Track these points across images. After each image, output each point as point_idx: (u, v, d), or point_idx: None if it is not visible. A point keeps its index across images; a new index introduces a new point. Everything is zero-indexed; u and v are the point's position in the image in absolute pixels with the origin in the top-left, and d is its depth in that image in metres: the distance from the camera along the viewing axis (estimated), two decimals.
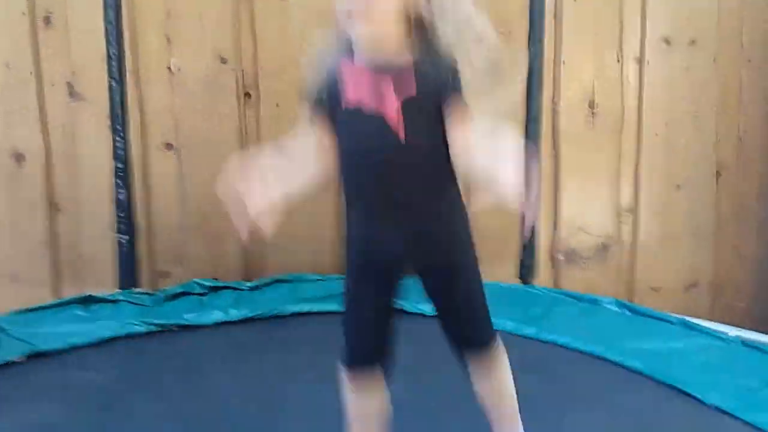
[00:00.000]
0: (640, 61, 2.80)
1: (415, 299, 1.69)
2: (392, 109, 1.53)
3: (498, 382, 1.65)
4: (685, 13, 2.79)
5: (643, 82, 2.82)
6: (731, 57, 2.82)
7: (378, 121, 1.53)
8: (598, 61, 2.81)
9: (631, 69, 2.81)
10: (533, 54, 2.56)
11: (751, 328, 2.50)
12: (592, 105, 2.82)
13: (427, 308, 2.45)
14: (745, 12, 2.79)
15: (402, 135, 1.54)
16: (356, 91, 1.54)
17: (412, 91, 1.53)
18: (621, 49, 2.79)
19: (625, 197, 2.88)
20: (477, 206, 1.52)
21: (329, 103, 1.56)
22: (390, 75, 1.52)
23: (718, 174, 2.89)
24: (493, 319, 1.61)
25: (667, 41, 2.80)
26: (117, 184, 2.57)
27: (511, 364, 1.62)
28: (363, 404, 1.65)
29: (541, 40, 2.57)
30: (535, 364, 2.14)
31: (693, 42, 2.80)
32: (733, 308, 2.90)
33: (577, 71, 2.80)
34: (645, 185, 2.88)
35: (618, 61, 2.80)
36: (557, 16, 2.75)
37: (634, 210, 2.89)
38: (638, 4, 2.77)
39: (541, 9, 2.55)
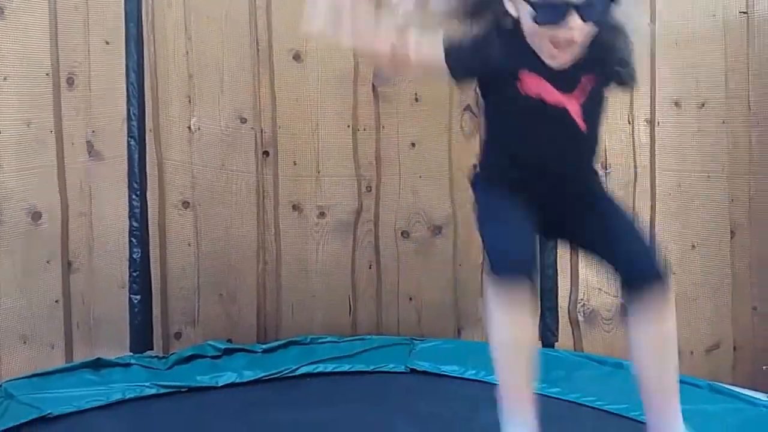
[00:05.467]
0: (651, 122, 2.84)
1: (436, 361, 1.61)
2: (576, 104, 1.59)
3: (667, 332, 1.54)
4: (694, 77, 2.83)
5: (654, 143, 2.85)
6: (740, 119, 2.86)
7: (560, 113, 1.59)
8: (610, 123, 2.84)
9: (642, 130, 2.85)
10: None
11: None
12: (604, 165, 2.84)
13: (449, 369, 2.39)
14: (752, 75, 2.85)
15: (583, 126, 1.61)
16: (537, 84, 1.57)
17: (591, 83, 1.60)
18: (632, 110, 2.84)
19: None
20: None
21: (488, 72, 1.61)
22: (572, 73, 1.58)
23: (732, 234, 2.89)
24: None
25: (677, 104, 2.85)
26: (132, 243, 2.54)
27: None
28: (515, 326, 1.45)
29: None
30: (560, 420, 2.05)
31: (702, 105, 2.85)
32: (756, 371, 2.84)
33: None
34: (660, 245, 2.87)
35: (629, 122, 2.84)
36: None
37: None
38: (647, 67, 2.83)
39: None
